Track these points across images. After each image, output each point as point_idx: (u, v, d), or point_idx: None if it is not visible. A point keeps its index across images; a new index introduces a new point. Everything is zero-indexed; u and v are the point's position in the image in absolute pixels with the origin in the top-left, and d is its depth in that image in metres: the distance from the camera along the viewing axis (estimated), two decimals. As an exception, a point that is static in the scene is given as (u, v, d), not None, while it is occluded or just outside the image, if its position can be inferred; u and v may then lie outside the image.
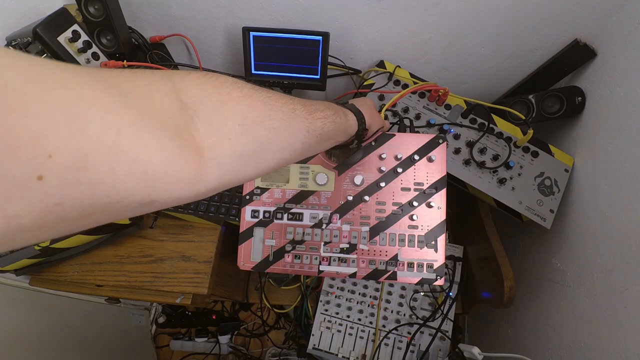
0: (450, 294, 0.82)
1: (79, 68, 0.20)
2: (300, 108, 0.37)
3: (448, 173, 0.67)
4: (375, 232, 0.62)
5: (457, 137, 0.75)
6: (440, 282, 0.60)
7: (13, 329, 0.82)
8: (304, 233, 0.62)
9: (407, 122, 0.73)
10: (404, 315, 0.84)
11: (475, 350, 0.70)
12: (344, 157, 0.63)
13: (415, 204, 0.61)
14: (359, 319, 0.84)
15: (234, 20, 0.82)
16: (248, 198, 0.64)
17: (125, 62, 0.76)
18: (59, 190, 0.17)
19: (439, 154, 0.62)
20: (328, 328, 0.84)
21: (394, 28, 0.79)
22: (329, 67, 0.83)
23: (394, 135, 0.63)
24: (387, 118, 0.77)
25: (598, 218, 0.69)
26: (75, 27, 0.68)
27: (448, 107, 0.77)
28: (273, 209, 0.64)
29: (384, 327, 0.83)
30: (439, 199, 0.61)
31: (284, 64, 0.82)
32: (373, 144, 0.63)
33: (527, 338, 0.85)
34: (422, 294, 0.85)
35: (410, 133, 0.64)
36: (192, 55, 0.95)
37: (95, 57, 0.73)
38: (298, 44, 0.78)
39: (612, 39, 0.71)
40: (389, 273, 0.60)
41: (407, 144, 0.63)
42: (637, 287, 0.58)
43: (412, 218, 0.61)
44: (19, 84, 0.16)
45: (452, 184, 0.75)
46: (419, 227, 0.61)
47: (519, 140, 0.74)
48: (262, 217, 0.63)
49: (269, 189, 0.64)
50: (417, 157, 0.62)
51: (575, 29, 0.75)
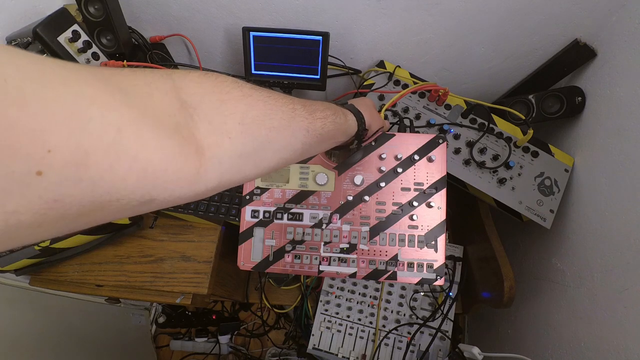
0: (450, 294, 0.82)
1: (79, 66, 0.20)
2: (300, 108, 0.37)
3: (448, 173, 0.67)
4: (375, 232, 0.62)
5: (457, 137, 0.75)
6: (440, 282, 0.60)
7: (13, 329, 0.82)
8: (304, 233, 0.62)
9: (407, 122, 0.73)
10: (404, 315, 0.84)
11: (475, 350, 0.70)
12: (344, 157, 0.63)
13: (415, 204, 0.61)
14: (359, 319, 0.84)
15: (234, 20, 0.82)
16: (248, 198, 0.64)
17: (125, 62, 0.76)
18: (59, 187, 0.17)
19: (439, 154, 0.62)
20: (328, 328, 0.84)
21: (394, 28, 0.79)
22: (329, 67, 0.83)
23: (394, 135, 0.63)
24: (387, 118, 0.77)
25: (598, 218, 0.69)
26: (75, 27, 0.68)
27: (448, 107, 0.77)
28: (273, 209, 0.64)
29: (384, 327, 0.83)
30: (439, 199, 0.61)
31: (284, 64, 0.82)
32: (373, 144, 0.63)
33: (527, 338, 0.85)
34: (422, 294, 0.85)
35: (410, 133, 0.64)
36: (192, 55, 0.95)
37: (95, 57, 0.73)
38: (298, 44, 0.78)
39: (612, 39, 0.71)
40: (389, 273, 0.60)
41: (407, 144, 0.63)
42: (637, 287, 0.58)
43: (412, 218, 0.61)
44: (19, 80, 0.16)
45: (452, 184, 0.75)
46: (419, 227, 0.61)
47: (519, 140, 0.74)
48: (262, 217, 0.63)
49: (269, 189, 0.64)
50: (417, 157, 0.62)
51: (575, 29, 0.75)
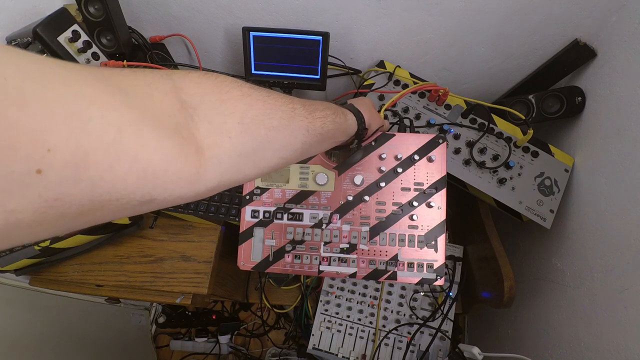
0: (450, 294, 0.82)
1: (79, 66, 0.20)
2: (300, 107, 0.36)
3: (448, 173, 0.67)
4: (375, 232, 0.61)
5: (457, 137, 0.75)
6: (440, 282, 0.60)
7: (13, 329, 0.82)
8: (304, 233, 0.62)
9: (407, 122, 0.73)
10: (404, 315, 0.84)
11: (475, 350, 0.70)
12: (344, 157, 0.63)
13: (415, 204, 0.61)
14: (359, 319, 0.84)
15: (234, 20, 0.82)
16: (248, 198, 0.64)
17: (125, 62, 0.76)
18: (59, 186, 0.17)
19: (439, 154, 0.62)
20: (328, 328, 0.84)
21: (394, 28, 0.79)
22: (329, 67, 0.83)
23: (394, 135, 0.63)
24: (386, 118, 0.77)
25: (598, 218, 0.69)
26: (75, 27, 0.68)
27: (448, 107, 0.77)
28: (273, 209, 0.63)
29: (384, 327, 0.83)
30: (439, 199, 0.61)
31: (284, 64, 0.82)
32: (373, 144, 0.63)
33: (527, 338, 0.85)
34: (422, 294, 0.85)
35: (410, 133, 0.64)
36: (192, 55, 0.95)
37: (95, 57, 0.73)
38: (298, 44, 0.78)
39: (612, 39, 0.71)
40: (389, 273, 0.60)
41: (407, 144, 0.63)
42: (637, 287, 0.58)
43: (412, 218, 0.61)
44: (19, 80, 0.16)
45: (452, 184, 0.75)
46: (419, 227, 0.61)
47: (519, 140, 0.74)
48: (262, 217, 0.63)
49: (269, 189, 0.64)
50: (417, 157, 0.62)
51: (575, 29, 0.75)
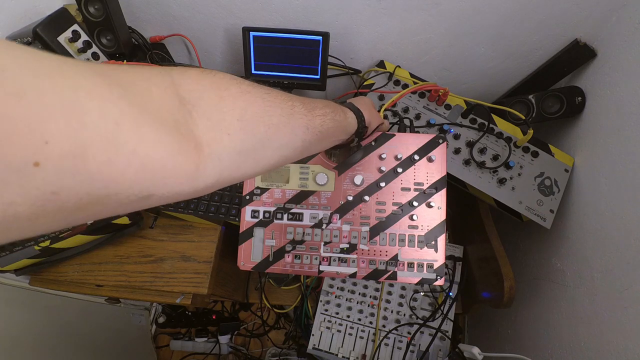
0: (450, 294, 0.82)
1: (77, 61, 0.20)
2: (299, 105, 0.36)
3: (448, 173, 0.67)
4: (375, 232, 0.61)
5: (457, 137, 0.75)
6: (440, 282, 0.60)
7: (13, 329, 0.82)
8: (304, 233, 0.62)
9: (407, 122, 0.73)
10: (404, 315, 0.84)
11: (475, 350, 0.70)
12: (344, 157, 0.63)
13: (415, 204, 0.61)
14: (359, 319, 0.84)
15: (234, 20, 0.82)
16: (248, 198, 0.64)
17: (125, 62, 0.76)
18: (56, 178, 0.17)
19: (439, 154, 0.62)
20: (328, 328, 0.84)
21: (394, 28, 0.79)
22: (329, 67, 0.83)
23: (394, 135, 0.63)
24: (386, 118, 0.77)
25: (598, 218, 0.69)
26: (75, 27, 0.68)
27: (448, 107, 0.77)
28: (273, 209, 0.63)
29: (384, 327, 0.83)
30: (439, 199, 0.61)
31: (284, 64, 0.82)
32: (373, 144, 0.63)
33: (527, 338, 0.85)
34: (422, 294, 0.85)
35: (410, 133, 0.64)
36: (192, 55, 0.95)
37: (95, 57, 0.73)
38: (298, 44, 0.78)
39: (612, 39, 0.71)
40: (389, 273, 0.60)
41: (407, 144, 0.63)
42: (637, 287, 0.58)
43: (412, 218, 0.61)
44: (16, 71, 0.16)
45: (452, 184, 0.75)
46: (419, 227, 0.61)
47: (519, 140, 0.74)
48: (262, 217, 0.63)
49: (269, 189, 0.64)
50: (417, 157, 0.62)
51: (575, 29, 0.75)
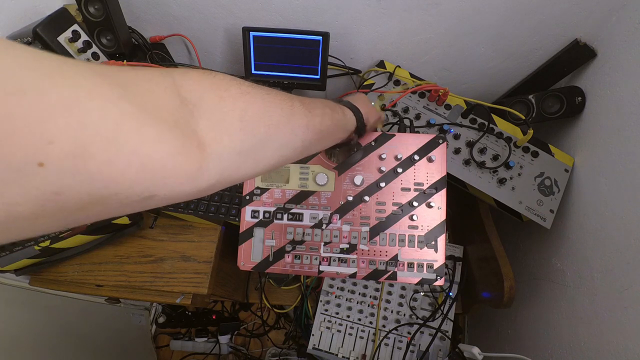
0: (450, 294, 0.82)
1: (77, 61, 0.20)
2: (299, 105, 0.37)
3: (448, 173, 0.67)
4: (375, 232, 0.61)
5: (457, 137, 0.75)
6: (440, 282, 0.60)
7: (13, 329, 0.82)
8: (304, 233, 0.62)
9: (407, 122, 0.73)
10: (404, 315, 0.84)
11: (475, 350, 0.70)
12: (344, 157, 0.63)
13: (415, 204, 0.61)
14: (359, 319, 0.84)
15: (234, 20, 0.82)
16: (248, 198, 0.64)
17: (125, 62, 0.76)
18: (58, 178, 0.17)
19: (439, 154, 0.62)
20: (328, 328, 0.84)
21: (394, 28, 0.79)
22: (329, 67, 0.83)
23: (394, 135, 0.63)
24: (387, 118, 0.77)
25: (598, 218, 0.69)
26: (75, 27, 0.68)
27: (448, 107, 0.77)
28: (273, 209, 0.63)
29: (384, 327, 0.83)
30: (439, 199, 0.61)
31: (284, 64, 0.82)
32: (373, 144, 0.63)
33: (527, 338, 0.85)
34: (422, 294, 0.85)
35: (410, 133, 0.64)
36: (192, 55, 0.94)
37: (95, 57, 0.73)
38: (298, 44, 0.78)
39: (612, 39, 0.71)
40: (389, 273, 0.60)
41: (407, 144, 0.63)
42: (637, 287, 0.58)
43: (412, 218, 0.61)
44: (17, 70, 0.16)
45: (452, 184, 0.75)
46: (419, 227, 0.61)
47: (519, 140, 0.74)
48: (262, 217, 0.63)
49: (269, 189, 0.64)
50: (417, 157, 0.62)
51: (575, 29, 0.75)
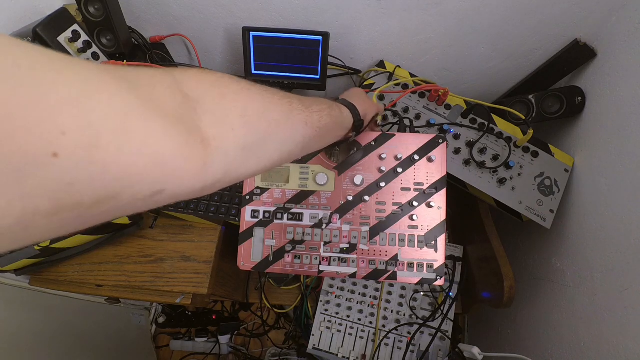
0: (450, 294, 0.82)
1: (83, 59, 0.21)
2: (297, 102, 0.38)
3: (448, 173, 0.67)
4: (375, 232, 0.61)
5: (457, 137, 0.75)
6: (440, 282, 0.60)
7: (13, 329, 0.82)
8: (304, 233, 0.62)
9: (407, 122, 0.73)
10: (404, 315, 0.84)
11: (475, 350, 0.70)
12: (344, 156, 0.63)
13: (415, 204, 0.61)
14: (359, 319, 0.84)
15: (234, 20, 0.82)
16: (248, 198, 0.64)
17: (125, 62, 0.76)
18: (72, 169, 0.17)
19: (439, 154, 0.62)
20: (328, 328, 0.84)
21: (394, 28, 0.79)
22: (329, 67, 0.83)
23: (394, 135, 0.63)
24: (387, 118, 0.77)
25: (598, 218, 0.69)
26: (75, 27, 0.68)
27: (448, 107, 0.77)
28: (273, 209, 0.63)
29: (384, 327, 0.83)
30: (439, 199, 0.61)
31: (284, 64, 0.82)
32: (373, 144, 0.63)
33: (527, 338, 0.85)
34: (422, 294, 0.85)
35: (410, 133, 0.64)
36: (192, 55, 0.95)
37: (95, 57, 0.73)
38: (298, 44, 0.78)
39: (612, 39, 0.71)
40: (389, 273, 0.60)
41: (407, 144, 0.63)
42: (637, 287, 0.58)
43: (412, 218, 0.61)
44: (30, 65, 0.17)
45: (452, 184, 0.75)
46: (419, 227, 0.61)
47: (519, 140, 0.74)
48: (262, 217, 0.63)
49: (269, 189, 0.64)
50: (417, 157, 0.62)
51: (575, 29, 0.75)
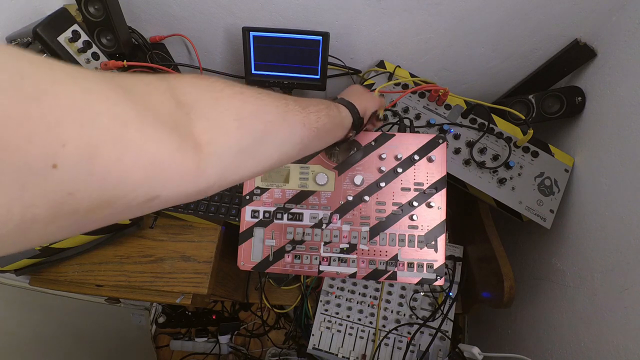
0: (450, 294, 0.82)
1: (83, 68, 0.22)
2: (293, 103, 0.38)
3: (448, 173, 0.67)
4: (375, 232, 0.61)
5: (457, 137, 0.75)
6: (440, 282, 0.60)
7: (13, 329, 0.82)
8: (304, 233, 0.62)
9: (407, 122, 0.73)
10: (404, 315, 0.84)
11: (475, 350, 0.70)
12: (344, 156, 0.63)
13: (415, 204, 0.61)
14: (359, 319, 0.84)
15: (234, 20, 0.82)
16: (248, 198, 0.64)
17: (125, 62, 0.76)
18: (72, 180, 0.18)
19: (439, 154, 0.62)
20: (328, 328, 0.84)
21: (394, 28, 0.79)
22: (329, 67, 0.83)
23: (394, 135, 0.63)
24: (386, 118, 0.77)
25: (598, 218, 0.69)
26: (75, 27, 0.68)
27: (448, 107, 0.77)
28: (273, 209, 0.63)
29: (384, 327, 0.83)
30: (439, 199, 0.61)
31: (284, 64, 0.82)
32: (373, 144, 0.63)
33: (527, 338, 0.85)
34: (422, 294, 0.85)
35: (410, 133, 0.64)
36: (192, 55, 0.94)
37: (95, 57, 0.73)
38: (298, 44, 0.78)
39: (612, 39, 0.71)
40: (389, 273, 0.60)
41: (407, 144, 0.63)
42: (637, 287, 0.58)
43: (412, 218, 0.61)
44: (33, 76, 0.17)
45: (452, 184, 0.75)
46: (419, 227, 0.61)
47: (519, 140, 0.74)
48: (262, 217, 0.63)
49: (269, 189, 0.64)
50: (417, 157, 0.62)
51: (575, 29, 0.75)
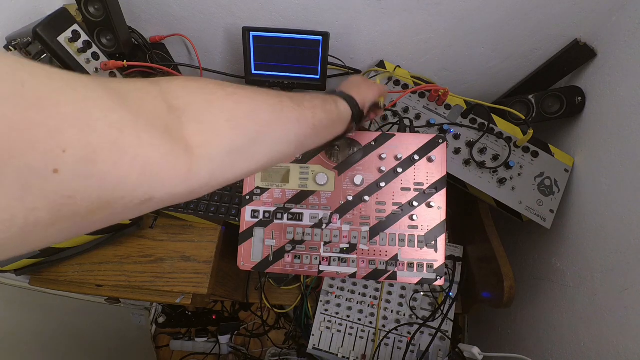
0: (450, 294, 0.82)
1: (81, 74, 0.22)
2: (287, 100, 0.37)
3: (448, 173, 0.67)
4: (375, 232, 0.61)
5: (457, 137, 0.75)
6: (440, 282, 0.60)
7: (13, 329, 0.82)
8: (304, 233, 0.62)
9: (407, 122, 0.73)
10: (404, 315, 0.84)
11: (475, 350, 0.70)
12: (344, 156, 0.63)
13: (415, 204, 0.61)
14: (359, 319, 0.84)
15: (234, 20, 0.82)
16: (248, 198, 0.64)
17: (125, 62, 0.76)
18: (72, 183, 0.19)
19: (439, 154, 0.62)
20: (328, 328, 0.84)
21: (394, 28, 0.79)
22: (329, 67, 0.83)
23: (394, 135, 0.63)
24: (387, 118, 0.77)
25: (598, 218, 0.69)
26: (75, 27, 0.68)
27: (448, 107, 0.77)
28: (273, 209, 0.63)
29: (384, 327, 0.83)
30: (439, 199, 0.61)
31: (284, 64, 0.82)
32: (373, 144, 0.63)
33: (527, 338, 0.85)
34: (422, 294, 0.85)
35: (410, 133, 0.64)
36: (192, 55, 0.95)
37: (95, 57, 0.73)
38: (298, 44, 0.78)
39: (612, 39, 0.71)
40: (389, 273, 0.60)
41: (407, 144, 0.63)
42: (637, 287, 0.58)
43: (412, 218, 0.61)
44: (34, 84, 0.18)
45: (452, 184, 0.75)
46: (419, 227, 0.61)
47: (519, 140, 0.74)
48: (262, 217, 0.63)
49: (269, 189, 0.64)
50: (417, 157, 0.62)
51: (575, 29, 0.75)
